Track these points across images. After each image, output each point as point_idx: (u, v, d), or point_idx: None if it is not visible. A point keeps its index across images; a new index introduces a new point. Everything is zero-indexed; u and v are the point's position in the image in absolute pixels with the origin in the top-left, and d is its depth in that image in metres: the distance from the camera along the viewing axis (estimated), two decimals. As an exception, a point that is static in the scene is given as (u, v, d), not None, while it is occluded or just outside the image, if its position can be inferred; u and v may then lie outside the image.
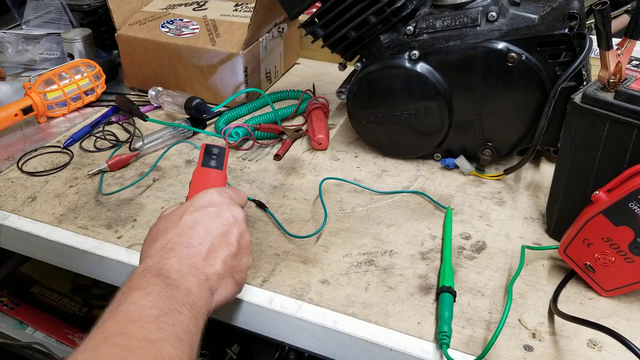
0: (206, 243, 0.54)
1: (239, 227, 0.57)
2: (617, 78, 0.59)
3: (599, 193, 0.58)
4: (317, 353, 0.61)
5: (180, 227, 0.55)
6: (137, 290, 0.47)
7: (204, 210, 0.56)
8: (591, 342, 0.56)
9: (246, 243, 0.58)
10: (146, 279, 0.48)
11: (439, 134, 0.80)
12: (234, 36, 0.96)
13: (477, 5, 0.75)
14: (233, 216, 0.57)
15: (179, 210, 0.57)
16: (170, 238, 0.54)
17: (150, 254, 0.53)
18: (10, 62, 1.12)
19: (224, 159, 0.68)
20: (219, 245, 0.55)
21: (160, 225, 0.57)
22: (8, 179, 0.81)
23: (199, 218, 0.56)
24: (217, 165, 0.67)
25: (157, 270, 0.49)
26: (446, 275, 0.62)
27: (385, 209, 0.75)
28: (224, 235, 0.56)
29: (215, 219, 0.56)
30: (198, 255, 0.53)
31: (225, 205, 0.58)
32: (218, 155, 0.68)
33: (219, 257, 0.54)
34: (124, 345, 0.42)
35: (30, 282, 1.09)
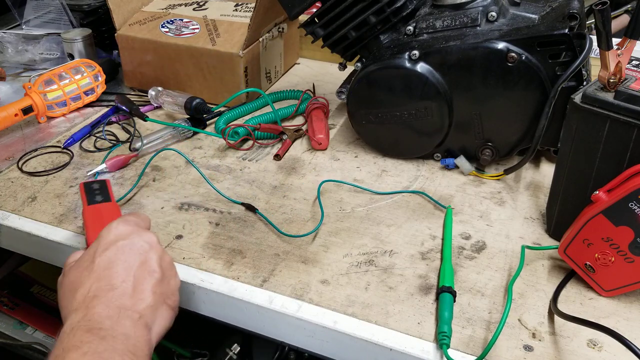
0: (129, 279, 0.51)
1: (156, 251, 0.55)
2: (617, 78, 0.59)
3: (599, 193, 0.58)
4: (317, 353, 0.61)
5: (96, 271, 0.52)
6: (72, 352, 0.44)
7: (115, 246, 0.54)
8: (591, 342, 0.56)
9: (168, 265, 0.56)
10: (77, 337, 0.45)
11: (439, 134, 0.80)
12: (234, 36, 0.96)
13: (477, 5, 0.75)
14: (147, 242, 0.55)
15: (88, 254, 0.54)
16: (89, 286, 0.50)
17: (74, 307, 0.49)
18: (10, 62, 1.12)
19: (109, 190, 0.67)
20: (143, 276, 0.52)
21: (72, 275, 0.53)
22: (8, 179, 0.81)
23: (112, 255, 0.53)
24: (104, 199, 0.65)
25: (86, 325, 0.47)
26: (446, 275, 0.62)
27: (385, 209, 0.75)
28: (143, 264, 0.53)
29: (129, 252, 0.53)
30: (125, 295, 0.50)
31: (134, 234, 0.55)
32: (101, 189, 0.67)
33: (147, 289, 0.51)
34: None
35: (30, 282, 1.09)
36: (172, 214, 0.74)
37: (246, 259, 0.67)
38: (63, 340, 0.46)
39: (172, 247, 0.68)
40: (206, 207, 0.75)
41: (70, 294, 0.51)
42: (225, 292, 0.62)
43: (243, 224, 0.72)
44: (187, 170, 0.83)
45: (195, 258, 0.67)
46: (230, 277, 0.64)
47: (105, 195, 0.66)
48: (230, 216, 0.73)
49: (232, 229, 0.71)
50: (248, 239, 0.70)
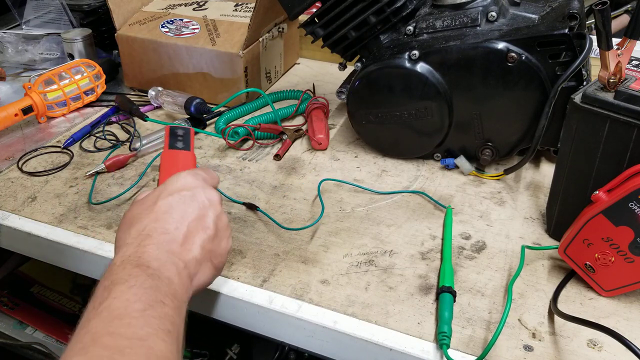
0: (182, 228, 0.52)
1: (214, 210, 0.56)
2: (617, 78, 0.59)
3: (599, 193, 0.58)
4: (317, 353, 0.61)
5: (155, 212, 0.53)
6: (119, 284, 0.45)
7: (179, 194, 0.55)
8: (591, 342, 0.56)
9: (223, 225, 0.57)
10: (127, 270, 0.47)
11: (439, 134, 0.80)
12: (234, 36, 0.96)
13: (477, 5, 0.75)
14: (208, 199, 0.56)
15: (153, 195, 0.55)
16: (145, 224, 0.52)
17: (127, 241, 0.51)
18: (10, 62, 1.12)
19: (190, 140, 0.67)
20: (196, 229, 0.53)
21: (134, 210, 0.55)
22: (8, 179, 0.81)
23: (174, 202, 0.54)
24: (184, 147, 0.66)
25: (136, 260, 0.48)
26: (446, 275, 0.62)
27: (385, 209, 0.75)
28: (200, 219, 0.54)
29: (190, 203, 0.55)
30: (175, 241, 0.51)
31: (199, 188, 0.56)
32: (184, 137, 0.67)
33: (197, 242, 0.53)
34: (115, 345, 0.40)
35: (30, 282, 1.09)
36: (172, 214, 0.74)
37: (246, 259, 0.67)
38: (112, 272, 0.47)
39: (172, 247, 0.68)
40: (206, 207, 0.75)
41: (127, 227, 0.53)
42: (225, 292, 0.62)
43: (243, 224, 0.72)
44: (187, 170, 0.83)
45: (195, 258, 0.67)
46: (230, 277, 0.64)
47: (186, 144, 0.66)
48: (230, 216, 0.73)
49: (232, 229, 0.71)
50: (248, 239, 0.70)
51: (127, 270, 0.47)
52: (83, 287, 1.08)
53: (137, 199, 0.58)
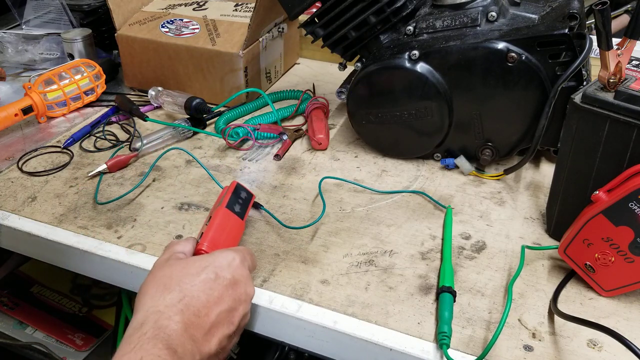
0: (212, 315, 0.52)
1: (245, 308, 0.55)
2: (617, 78, 0.59)
3: (599, 193, 0.58)
4: (317, 353, 0.61)
5: (196, 286, 0.52)
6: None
7: (223, 277, 0.54)
8: (591, 342, 0.56)
9: (243, 325, 0.57)
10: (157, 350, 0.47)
11: (439, 134, 0.80)
12: (234, 36, 0.96)
13: (477, 5, 0.75)
14: (245, 294, 0.56)
15: (200, 264, 0.55)
16: (182, 297, 0.51)
17: (160, 308, 0.50)
18: (10, 62, 1.12)
19: (248, 208, 0.66)
20: (222, 322, 0.53)
21: (174, 270, 0.54)
22: (8, 179, 0.81)
23: (216, 284, 0.53)
24: (239, 213, 0.64)
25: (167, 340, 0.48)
26: (446, 275, 0.62)
27: (385, 209, 0.75)
28: (230, 311, 0.54)
29: (229, 291, 0.54)
30: (201, 329, 0.51)
31: (243, 279, 0.56)
32: (244, 202, 0.65)
33: (217, 336, 0.52)
34: None
35: (30, 282, 1.09)
36: (172, 214, 0.74)
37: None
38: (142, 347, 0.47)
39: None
40: (206, 207, 0.75)
41: (162, 289, 0.52)
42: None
43: (243, 224, 0.72)
44: (187, 170, 0.83)
45: (195, 258, 0.67)
46: (230, 277, 0.64)
47: (243, 210, 0.65)
48: (230, 216, 0.73)
49: (232, 229, 0.71)
50: (248, 239, 0.70)
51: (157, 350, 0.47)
52: (83, 287, 1.08)
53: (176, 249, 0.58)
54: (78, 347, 0.96)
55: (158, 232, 0.71)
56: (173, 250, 0.58)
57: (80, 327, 1.00)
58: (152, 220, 0.73)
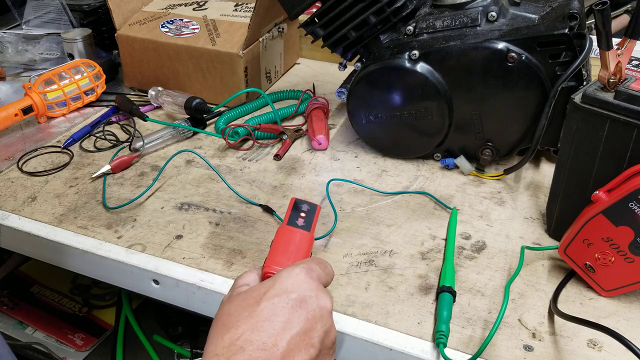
0: (282, 344, 0.45)
1: (324, 323, 0.48)
2: (617, 78, 0.59)
3: (599, 193, 0.58)
4: (317, 353, 0.61)
5: (255, 317, 0.46)
6: None
7: (286, 297, 0.47)
8: (591, 342, 0.56)
9: (330, 342, 0.49)
10: None
11: (439, 134, 0.80)
12: (234, 36, 0.96)
13: (477, 5, 0.75)
14: (320, 308, 0.48)
15: (257, 292, 0.49)
16: (241, 332, 0.45)
17: (217, 351, 0.45)
18: (10, 62, 1.12)
19: (314, 219, 0.60)
20: (298, 347, 0.45)
21: (233, 307, 0.48)
22: (8, 179, 0.81)
23: (279, 307, 0.47)
24: (304, 226, 0.59)
25: None
26: (447, 275, 0.62)
27: (385, 209, 0.75)
28: (305, 333, 0.46)
29: (297, 311, 0.47)
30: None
31: (312, 292, 0.49)
32: (307, 214, 0.60)
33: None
34: None
35: (30, 282, 1.09)
36: (172, 214, 0.74)
37: (246, 259, 0.67)
38: None
39: (172, 247, 0.68)
40: (206, 207, 0.75)
41: (221, 329, 0.47)
42: (225, 292, 0.62)
43: (243, 224, 0.72)
44: (187, 170, 0.83)
45: (195, 258, 0.67)
46: (230, 277, 0.64)
47: (308, 223, 0.60)
48: (230, 216, 0.73)
49: (232, 229, 0.71)
50: (248, 239, 0.70)
51: None
52: (83, 287, 1.08)
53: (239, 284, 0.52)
54: (78, 347, 0.96)
55: (158, 232, 0.71)
56: (235, 284, 0.53)
57: (80, 327, 1.00)
58: (152, 220, 0.73)
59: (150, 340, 0.96)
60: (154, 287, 0.67)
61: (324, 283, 0.52)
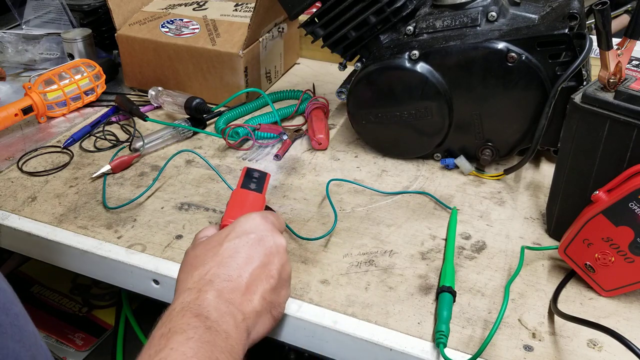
0: (245, 275, 0.51)
1: (280, 258, 0.55)
2: (617, 78, 0.59)
3: (599, 193, 0.58)
4: (317, 353, 0.61)
5: (220, 255, 0.52)
6: (178, 334, 0.45)
7: (246, 237, 0.54)
8: (591, 342, 0.56)
9: (286, 274, 0.55)
10: (186, 319, 0.46)
11: (439, 134, 0.80)
12: (234, 36, 0.96)
13: (477, 5, 0.75)
14: (275, 244, 0.55)
15: (219, 236, 0.55)
16: (209, 268, 0.51)
17: (189, 285, 0.50)
18: (10, 62, 1.12)
19: (265, 183, 0.67)
20: (259, 277, 0.52)
21: (197, 250, 0.54)
22: (8, 179, 0.81)
23: (240, 245, 0.53)
24: (256, 189, 0.66)
25: (196, 309, 0.47)
26: (447, 275, 0.62)
27: (385, 209, 0.75)
28: (264, 266, 0.53)
29: (257, 247, 0.53)
30: (237, 290, 0.50)
31: (268, 232, 0.55)
32: (259, 179, 0.67)
33: (258, 292, 0.51)
34: None
35: (30, 282, 1.09)
36: (172, 214, 0.74)
37: (246, 259, 0.67)
38: (172, 319, 0.47)
39: (172, 247, 0.68)
40: (206, 207, 0.75)
41: (189, 269, 0.52)
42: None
43: (243, 224, 0.72)
44: (187, 170, 0.83)
45: (195, 258, 0.67)
46: (230, 277, 0.64)
47: (259, 186, 0.66)
48: (230, 216, 0.73)
49: (232, 229, 0.71)
50: (248, 239, 0.69)
51: (186, 319, 0.46)
52: (83, 287, 1.08)
53: (199, 236, 0.58)
54: (78, 347, 0.96)
55: (158, 232, 0.71)
56: (196, 238, 0.58)
57: (80, 327, 1.00)
58: (152, 220, 0.73)
59: (150, 340, 0.96)
60: (154, 287, 0.67)
61: (278, 229, 0.58)
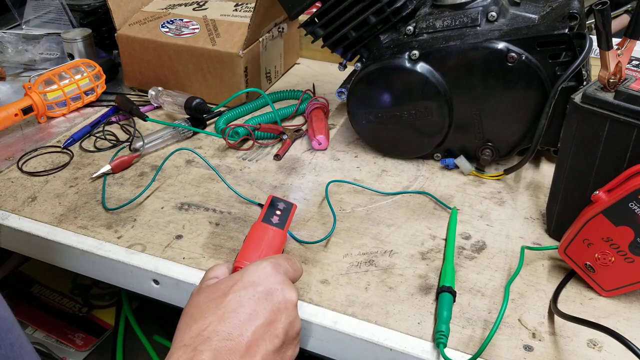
0: (247, 334, 0.47)
1: (289, 315, 0.51)
2: (617, 78, 0.59)
3: (599, 193, 0.58)
4: (317, 353, 0.61)
5: (222, 309, 0.48)
6: None
7: (253, 289, 0.50)
8: (591, 342, 0.56)
9: (294, 333, 0.52)
10: None
11: (439, 134, 0.80)
12: (234, 36, 0.96)
13: (477, 5, 0.75)
14: (285, 299, 0.51)
15: (225, 284, 0.51)
16: (208, 323, 0.48)
17: (185, 342, 0.47)
18: (10, 62, 1.12)
19: (289, 218, 0.62)
20: (262, 337, 0.48)
21: (201, 299, 0.50)
22: (8, 179, 0.81)
23: (245, 299, 0.49)
24: (278, 224, 0.61)
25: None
26: (447, 275, 0.62)
27: (385, 209, 0.75)
28: (269, 324, 0.49)
29: (263, 302, 0.49)
30: (236, 351, 0.46)
31: (278, 285, 0.51)
32: (283, 212, 0.62)
33: (259, 354, 0.47)
34: None
35: (30, 282, 1.09)
36: (172, 214, 0.74)
37: (246, 259, 0.67)
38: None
39: (172, 247, 0.68)
40: (206, 207, 0.75)
41: (189, 321, 0.49)
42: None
43: (243, 224, 0.72)
44: (187, 170, 0.83)
45: (195, 258, 0.67)
46: (230, 277, 0.64)
47: (282, 221, 0.62)
48: (230, 216, 0.73)
49: (232, 229, 0.71)
50: (248, 239, 0.70)
51: None
52: (83, 287, 1.08)
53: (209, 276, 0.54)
54: (78, 347, 0.96)
55: (158, 232, 0.71)
56: (205, 277, 0.55)
57: (80, 327, 1.00)
58: (152, 220, 0.73)
59: (150, 340, 0.96)
60: (154, 287, 0.67)
61: (291, 278, 0.54)
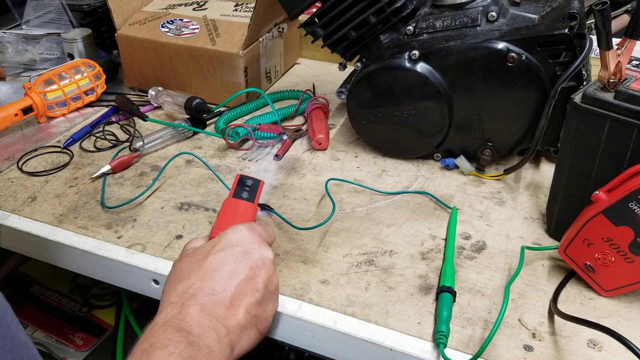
0: (230, 289, 0.51)
1: (267, 270, 0.54)
2: (617, 78, 0.59)
3: (599, 193, 0.58)
4: (317, 353, 0.61)
5: (205, 268, 0.52)
6: (159, 350, 0.45)
7: (232, 250, 0.54)
8: (591, 342, 0.56)
9: (273, 287, 0.55)
10: (167, 334, 0.46)
11: (439, 134, 0.80)
12: (234, 36, 0.96)
13: (477, 5, 0.75)
14: (262, 257, 0.55)
15: (205, 248, 0.55)
16: (192, 282, 0.51)
17: (172, 300, 0.50)
18: (10, 62, 1.12)
19: (257, 192, 0.66)
20: (244, 291, 0.52)
21: (184, 263, 0.54)
22: (8, 179, 0.81)
23: (225, 258, 0.53)
24: (248, 198, 0.65)
25: (178, 324, 0.47)
26: (447, 275, 0.62)
27: (385, 209, 0.75)
28: (250, 279, 0.53)
29: (242, 261, 0.53)
30: (221, 304, 0.50)
31: (254, 245, 0.55)
32: (251, 188, 0.66)
33: (243, 306, 0.51)
34: None
35: (30, 282, 1.09)
36: (172, 214, 0.74)
37: (246, 259, 0.67)
38: (153, 334, 0.47)
39: (172, 247, 0.68)
40: (206, 207, 0.75)
41: (174, 282, 0.52)
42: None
43: (243, 224, 0.72)
44: (187, 170, 0.83)
45: (195, 258, 0.67)
46: (230, 277, 0.64)
47: (251, 195, 0.65)
48: (230, 216, 0.73)
49: (232, 229, 0.71)
50: (248, 239, 0.69)
51: (168, 334, 0.46)
52: (83, 287, 1.08)
53: (188, 247, 0.58)
54: (78, 347, 0.96)
55: (158, 232, 0.71)
56: (184, 249, 0.58)
57: (80, 327, 1.00)
58: (152, 220, 0.73)
59: (150, 340, 0.96)
60: (154, 287, 0.67)
61: (266, 241, 0.58)
